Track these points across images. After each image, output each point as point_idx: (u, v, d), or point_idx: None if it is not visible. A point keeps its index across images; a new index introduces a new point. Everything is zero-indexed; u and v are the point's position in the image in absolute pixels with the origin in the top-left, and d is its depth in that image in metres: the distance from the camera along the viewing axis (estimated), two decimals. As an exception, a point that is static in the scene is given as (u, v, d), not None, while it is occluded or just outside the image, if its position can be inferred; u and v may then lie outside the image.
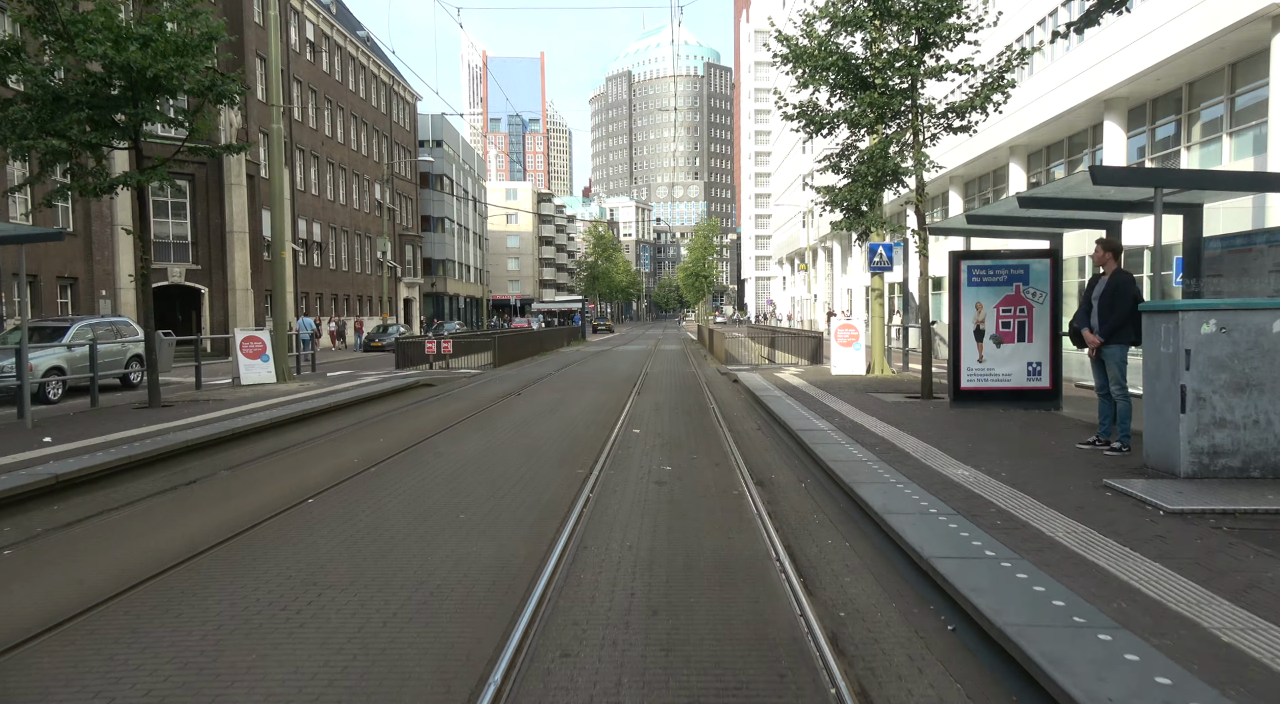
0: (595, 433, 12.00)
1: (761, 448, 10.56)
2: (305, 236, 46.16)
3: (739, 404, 15.53)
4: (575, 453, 10.28)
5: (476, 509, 7.43)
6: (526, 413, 14.80)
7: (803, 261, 75.99)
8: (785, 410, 12.72)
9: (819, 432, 10.52)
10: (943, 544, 5.37)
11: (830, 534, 6.52)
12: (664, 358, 33.27)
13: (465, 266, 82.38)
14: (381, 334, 43.95)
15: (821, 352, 26.86)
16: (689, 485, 8.36)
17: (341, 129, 51.94)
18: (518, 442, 11.41)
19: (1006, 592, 4.48)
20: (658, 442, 11.15)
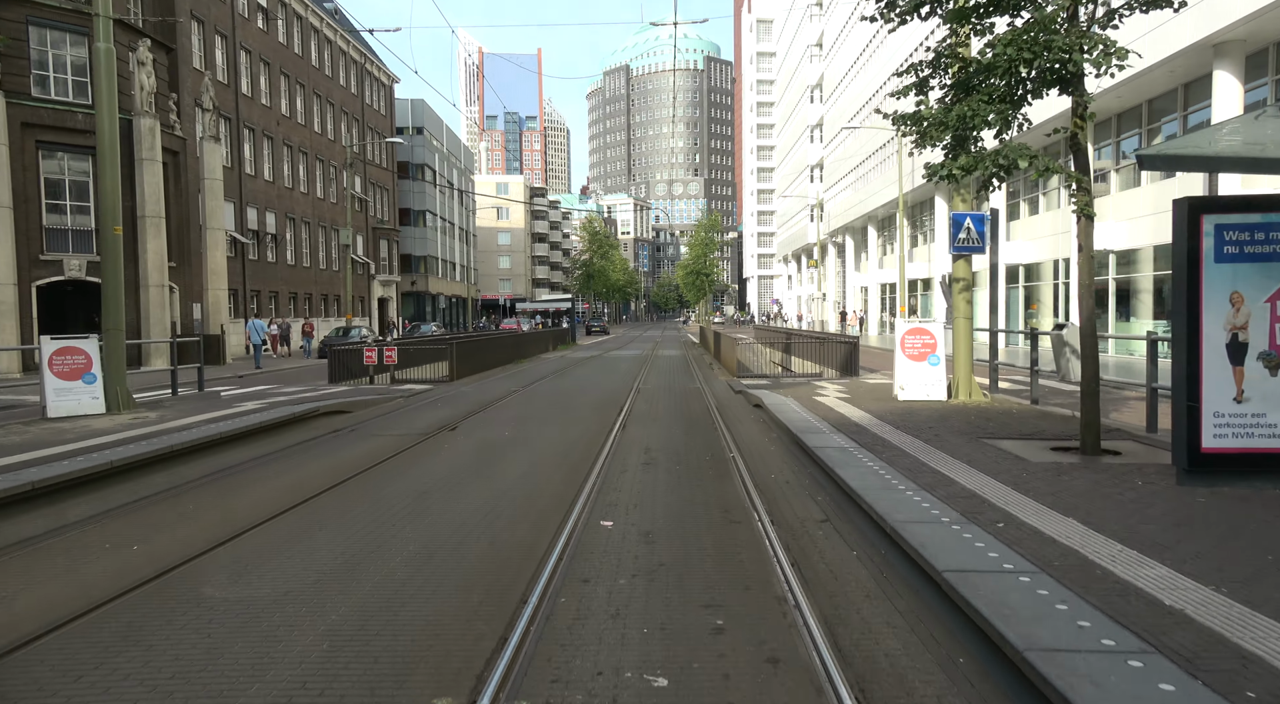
0: (529, 533, 6.67)
1: (864, 598, 5.19)
2: (256, 227, 40.84)
3: (776, 455, 10.21)
4: (464, 616, 4.93)
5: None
6: (439, 473, 9.48)
7: (812, 258, 70.80)
8: (873, 488, 7.31)
9: (996, 577, 5.02)
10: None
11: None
12: (662, 367, 27.94)
13: (450, 264, 77.09)
14: (343, 337, 38.64)
15: (855, 361, 21.59)
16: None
17: (303, 108, 46.62)
18: (362, 576, 6.03)
19: None
20: (643, 560, 5.85)
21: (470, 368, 24.54)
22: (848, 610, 4.81)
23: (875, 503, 6.47)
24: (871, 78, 52.95)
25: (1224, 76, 21.38)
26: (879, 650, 4.22)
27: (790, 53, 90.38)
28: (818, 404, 13.50)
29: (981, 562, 4.97)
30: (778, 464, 9.40)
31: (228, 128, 38.32)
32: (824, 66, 71.62)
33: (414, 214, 67.46)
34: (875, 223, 56.41)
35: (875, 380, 19.33)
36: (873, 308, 57.63)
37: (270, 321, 33.16)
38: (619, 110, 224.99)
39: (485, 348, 27.20)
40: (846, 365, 22.13)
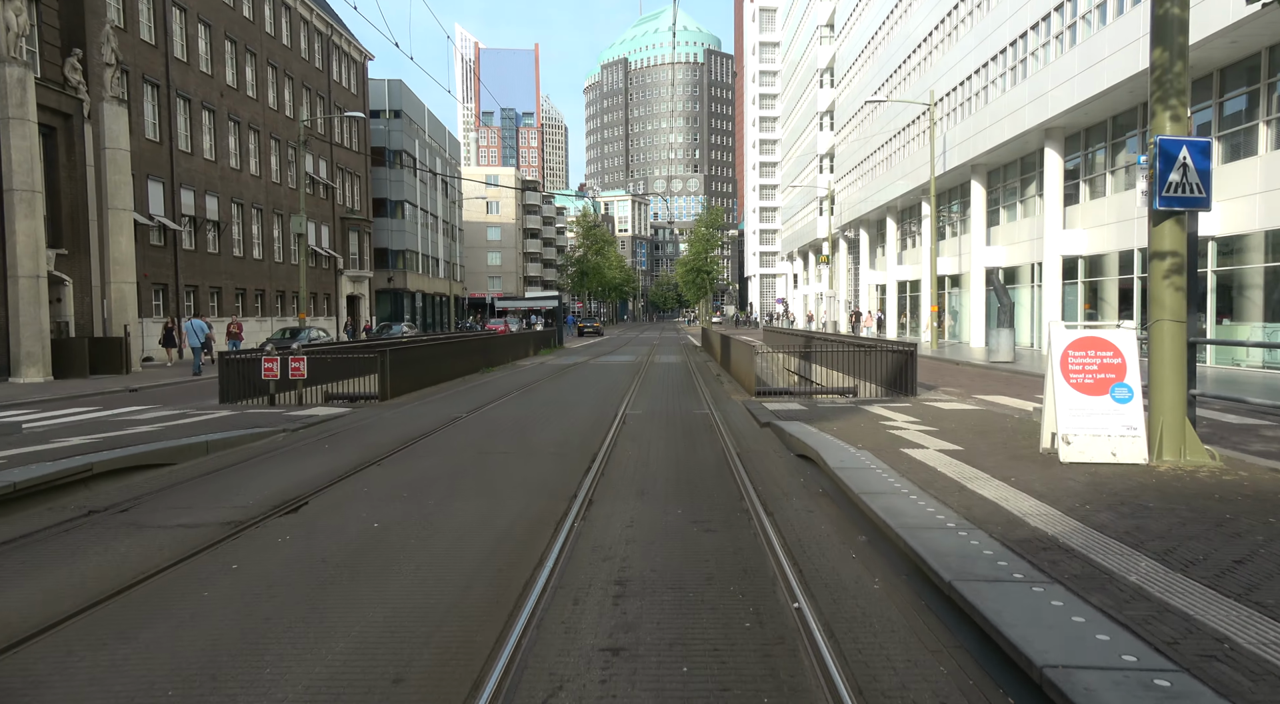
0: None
1: None
2: (192, 212, 35.48)
3: (920, 644, 4.89)
4: None
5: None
6: (158, 671, 4.19)
7: (822, 254, 65.48)
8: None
9: None
10: None
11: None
12: (659, 380, 22.67)
13: (432, 259, 71.75)
14: (290, 339, 33.36)
15: (911, 376, 16.35)
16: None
17: (254, 80, 41.27)
18: None
19: None
20: None
21: (413, 381, 19.24)
22: None
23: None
24: (894, 50, 47.69)
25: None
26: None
27: (797, 37, 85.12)
28: (915, 465, 8.18)
29: None
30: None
31: (155, 96, 32.99)
32: (836, 47, 66.37)
33: (391, 204, 62.09)
34: (894, 214, 51.16)
35: (954, 405, 14.04)
36: (890, 308, 52.35)
37: (235, 326, 27.76)
38: (617, 104, 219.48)
39: (437, 355, 21.89)
40: (896, 381, 16.89)
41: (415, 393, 18.79)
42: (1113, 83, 24.47)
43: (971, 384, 19.88)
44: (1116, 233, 27.67)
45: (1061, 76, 27.64)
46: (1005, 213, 36.77)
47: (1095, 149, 29.41)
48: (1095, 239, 29.05)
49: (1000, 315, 27.28)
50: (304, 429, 12.76)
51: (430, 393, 19.00)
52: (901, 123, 46.08)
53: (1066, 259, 30.36)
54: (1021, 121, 30.91)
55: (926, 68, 42.47)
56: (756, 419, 13.12)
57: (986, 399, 15.96)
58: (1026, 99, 30.41)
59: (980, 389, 18.33)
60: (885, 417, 12.52)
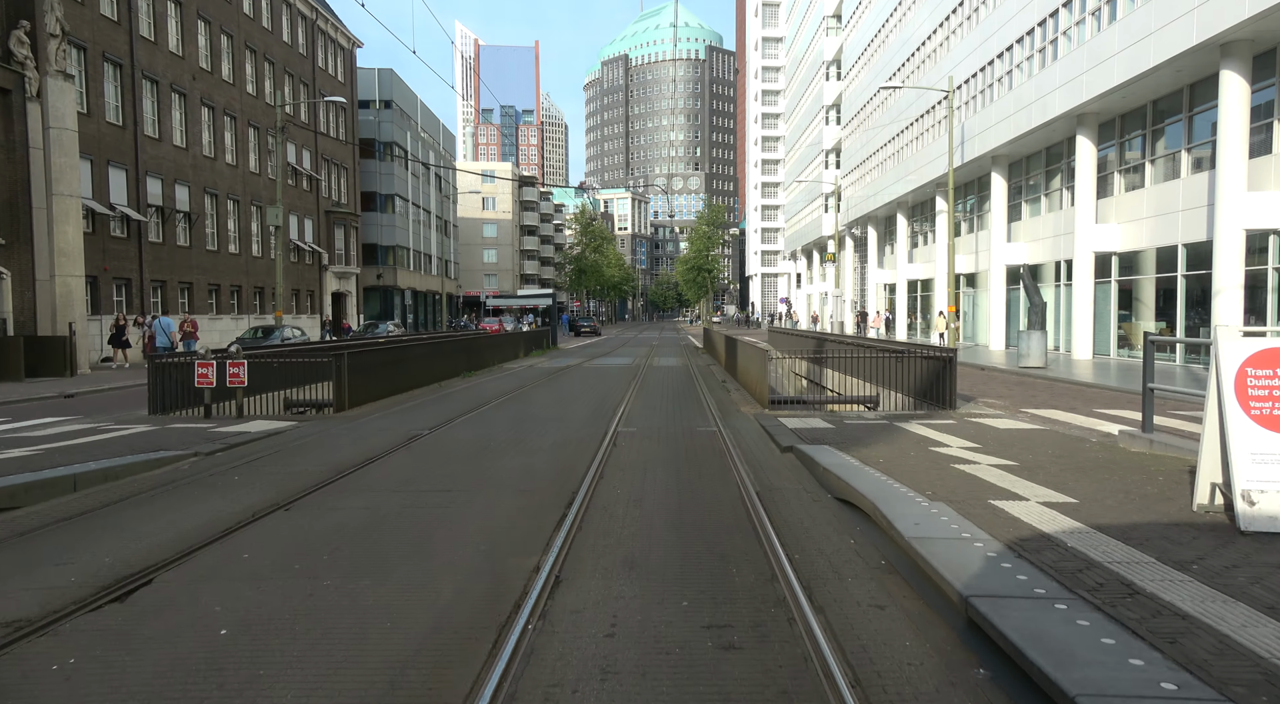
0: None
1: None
2: (159, 202, 33.16)
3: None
4: None
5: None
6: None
7: (828, 252, 63.18)
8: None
9: None
10: None
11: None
12: (657, 387, 20.36)
13: (425, 256, 69.39)
14: (263, 339, 31.08)
15: (950, 387, 14.09)
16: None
17: (230, 63, 38.93)
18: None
19: None
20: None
21: (380, 388, 16.93)
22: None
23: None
24: (907, 37, 45.36)
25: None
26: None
27: (801, 30, 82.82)
28: (1026, 531, 5.83)
29: None
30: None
31: (117, 76, 30.66)
32: (843, 38, 64.06)
33: (381, 198, 59.78)
34: (905, 210, 48.86)
35: (1009, 423, 11.72)
36: (900, 308, 50.03)
37: (134, 320, 25.21)
38: (617, 101, 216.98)
39: (411, 358, 19.59)
40: (930, 391, 14.61)
41: (380, 402, 16.48)
42: (1160, 60, 22.15)
43: (1011, 393, 17.59)
44: (1155, 228, 25.39)
45: (1099, 55, 25.33)
46: (1028, 207, 34.47)
47: (1132, 136, 27.10)
48: (1131, 234, 26.76)
49: (1031, 316, 24.98)
50: (223, 451, 10.46)
51: (397, 402, 16.69)
52: (914, 114, 43.78)
53: (1099, 256, 28.05)
54: (1050, 107, 28.60)
55: (942, 54, 40.17)
56: (775, 441, 10.81)
57: (1041, 414, 13.67)
58: (1057, 82, 28.10)
59: (1025, 400, 16.03)
60: (935, 440, 10.21)
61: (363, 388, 16.02)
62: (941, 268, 42.17)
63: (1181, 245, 24.04)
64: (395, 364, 18.44)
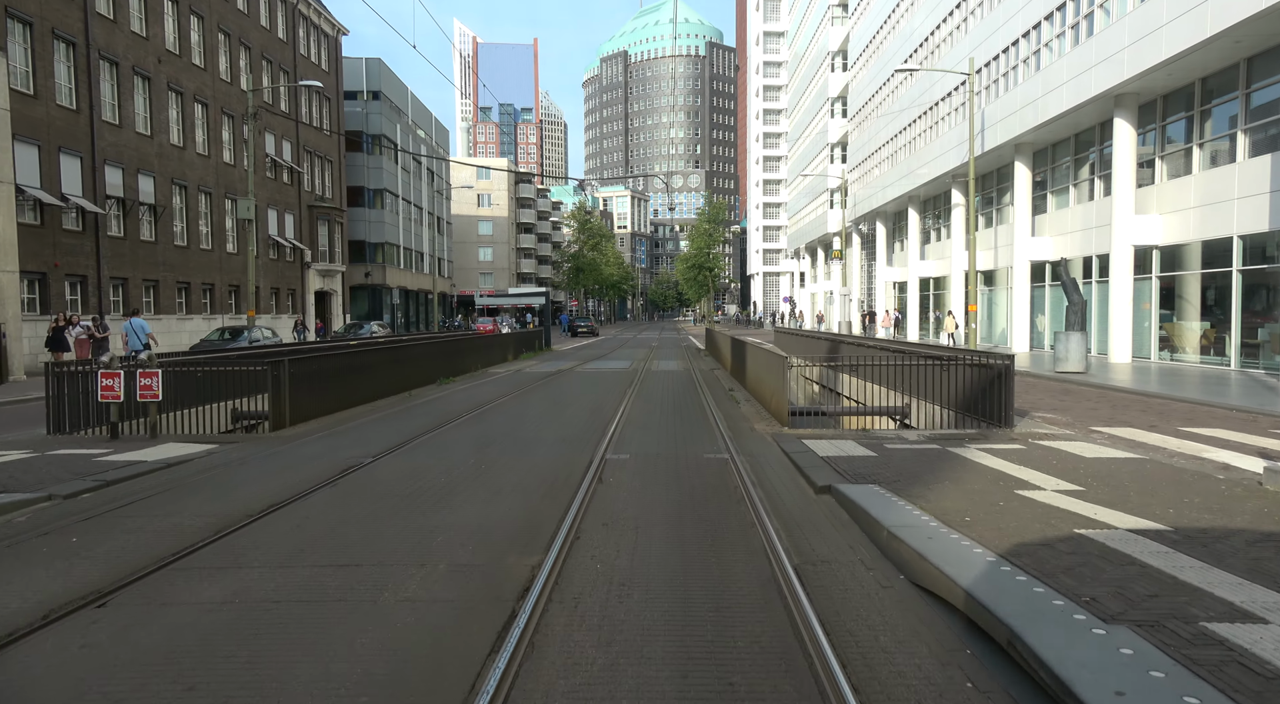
0: None
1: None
2: (120, 194, 30.77)
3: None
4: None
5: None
6: None
7: (833, 249, 60.75)
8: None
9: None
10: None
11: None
12: (657, 398, 18.01)
13: (416, 253, 66.99)
14: (229, 341, 28.78)
15: (1003, 400, 11.79)
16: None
17: (202, 46, 36.54)
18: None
19: None
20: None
21: (333, 400, 14.57)
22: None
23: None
24: (921, 21, 42.96)
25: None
26: None
27: (805, 21, 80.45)
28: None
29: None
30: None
31: (71, 55, 28.29)
32: (850, 27, 61.69)
33: (369, 193, 57.39)
34: (917, 204, 46.47)
35: (1096, 449, 9.31)
36: (911, 307, 47.65)
37: (92, 320, 22.68)
38: (616, 98, 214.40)
39: (376, 364, 17.22)
40: (977, 405, 12.28)
41: (331, 417, 14.12)
42: (1220, 28, 19.77)
43: (1063, 405, 15.24)
44: (1202, 218, 23.05)
45: (1144, 28, 22.97)
46: (1054, 199, 32.10)
47: (1174, 119, 24.74)
48: (1174, 226, 24.42)
49: (1069, 316, 22.61)
50: (93, 491, 8.10)
51: (352, 417, 14.32)
52: (928, 102, 41.42)
53: (1138, 250, 25.69)
54: (1085, 88, 26.24)
55: (959, 38, 37.80)
56: (805, 476, 8.45)
57: (1120, 435, 11.32)
58: (1093, 60, 25.73)
59: (1087, 415, 13.68)
60: (1016, 478, 7.85)
61: (310, 400, 13.66)
62: (958, 265, 39.80)
63: (1237, 237, 21.69)
64: (355, 371, 16.07)
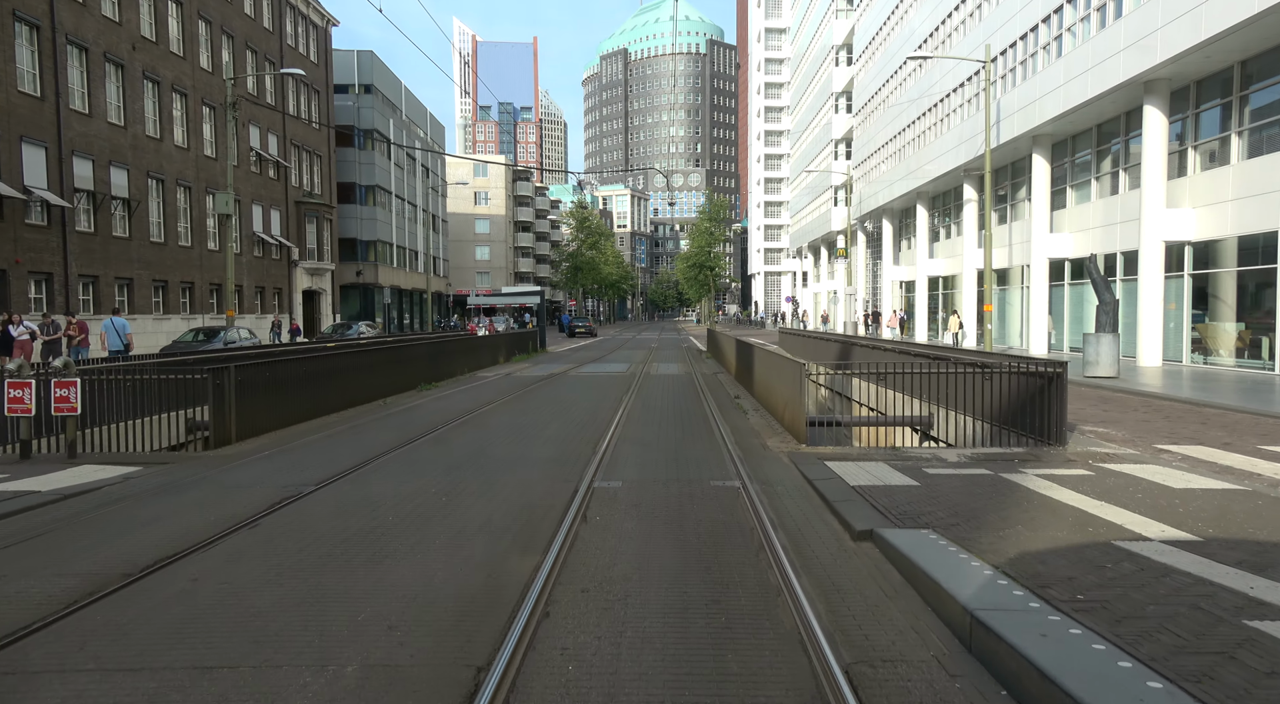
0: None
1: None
2: (90, 187, 29.19)
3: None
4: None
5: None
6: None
7: (838, 248, 59.16)
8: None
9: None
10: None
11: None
12: (657, 406, 16.41)
13: (410, 252, 65.40)
14: (203, 342, 27.23)
15: (1054, 413, 10.26)
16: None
17: (180, 33, 34.96)
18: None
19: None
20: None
21: (290, 412, 12.98)
22: None
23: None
24: (930, 11, 41.35)
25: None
26: None
27: (809, 15, 78.92)
28: None
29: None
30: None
31: (35, 39, 26.68)
32: (855, 20, 60.11)
33: (361, 189, 55.81)
34: (925, 201, 44.87)
35: (1176, 475, 7.65)
36: (920, 307, 46.05)
37: (16, 319, 20.67)
38: (616, 97, 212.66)
39: (344, 369, 15.62)
40: (1020, 418, 10.72)
41: (288, 430, 12.52)
42: (1269, 4, 18.17)
43: (1108, 416, 13.65)
44: (1239, 212, 21.47)
45: (1180, 7, 21.38)
46: (1074, 193, 30.51)
47: (1209, 106, 23.16)
48: (1208, 221, 22.83)
49: (1100, 316, 21.01)
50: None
51: (313, 429, 12.71)
52: (940, 93, 39.82)
53: (1170, 246, 24.09)
54: (1112, 74, 24.65)
55: (973, 25, 36.21)
56: (836, 513, 6.87)
57: (1192, 454, 9.74)
58: (1122, 44, 24.14)
59: (1142, 430, 12.09)
60: (1104, 518, 6.26)
61: (264, 412, 12.06)
62: (970, 263, 38.22)
63: (1243, 236, 20.10)
64: (322, 377, 14.47)
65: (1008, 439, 10.86)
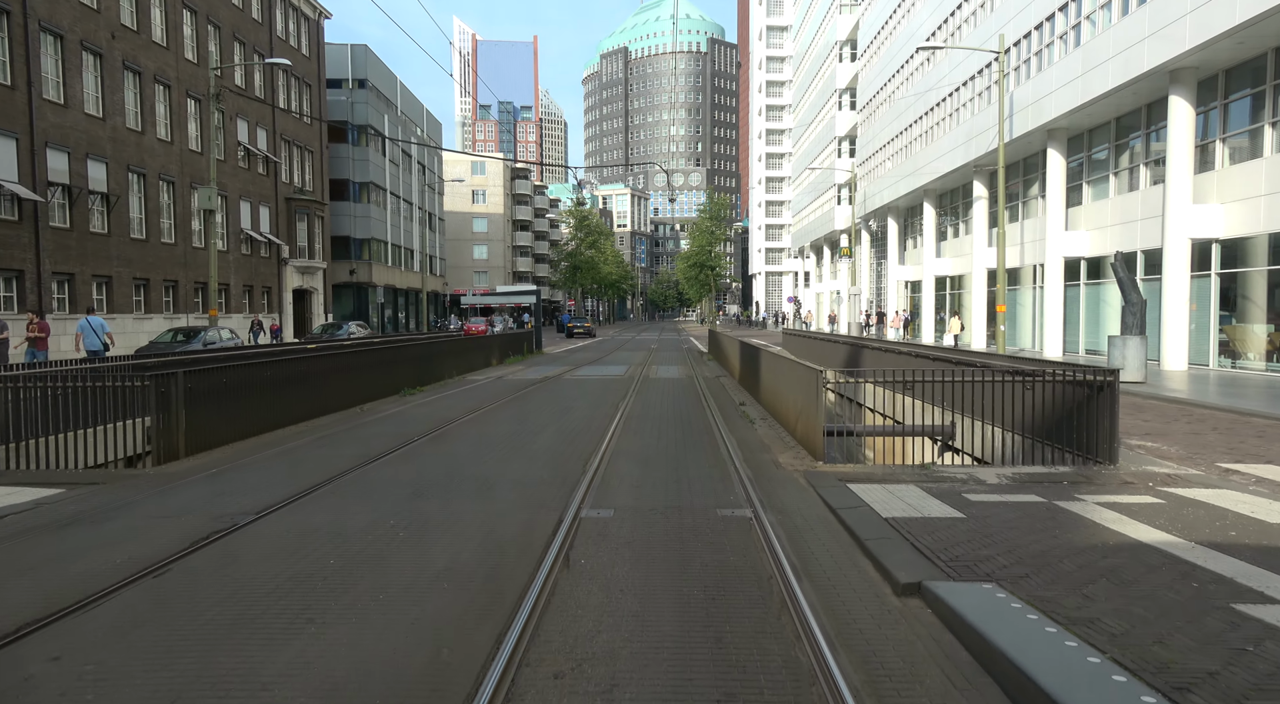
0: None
1: None
2: (65, 180, 27.96)
3: None
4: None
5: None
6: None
7: (842, 247, 57.91)
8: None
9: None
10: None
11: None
12: (656, 415, 15.22)
13: (405, 250, 64.18)
14: (183, 343, 26.03)
15: (1104, 426, 9.06)
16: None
17: (163, 22, 33.74)
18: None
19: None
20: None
21: (253, 421, 11.78)
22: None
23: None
24: (937, 4, 40.13)
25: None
26: None
27: (812, 11, 77.69)
28: None
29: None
30: None
31: (5, 25, 25.47)
32: (859, 14, 58.91)
33: (354, 186, 54.57)
34: (933, 198, 43.66)
35: (1254, 507, 6.51)
36: (927, 307, 44.82)
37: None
38: (616, 96, 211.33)
39: (316, 373, 14.40)
40: (1060, 431, 9.57)
41: (249, 442, 11.32)
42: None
43: (1150, 426, 12.46)
44: (1272, 207, 20.29)
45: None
46: (1090, 189, 29.30)
47: (1239, 96, 21.94)
48: (1237, 217, 21.63)
49: (1126, 317, 19.80)
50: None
51: (276, 442, 11.50)
52: (949, 87, 38.61)
53: (1197, 244, 22.89)
54: (1136, 63, 23.44)
55: (984, 15, 34.99)
56: (871, 556, 5.67)
57: (1266, 476, 8.54)
58: (1146, 31, 22.93)
59: (1194, 443, 10.89)
60: (1206, 567, 5.06)
61: (221, 422, 10.86)
62: (979, 262, 37.02)
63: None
64: (292, 383, 13.26)
65: (1047, 455, 9.67)
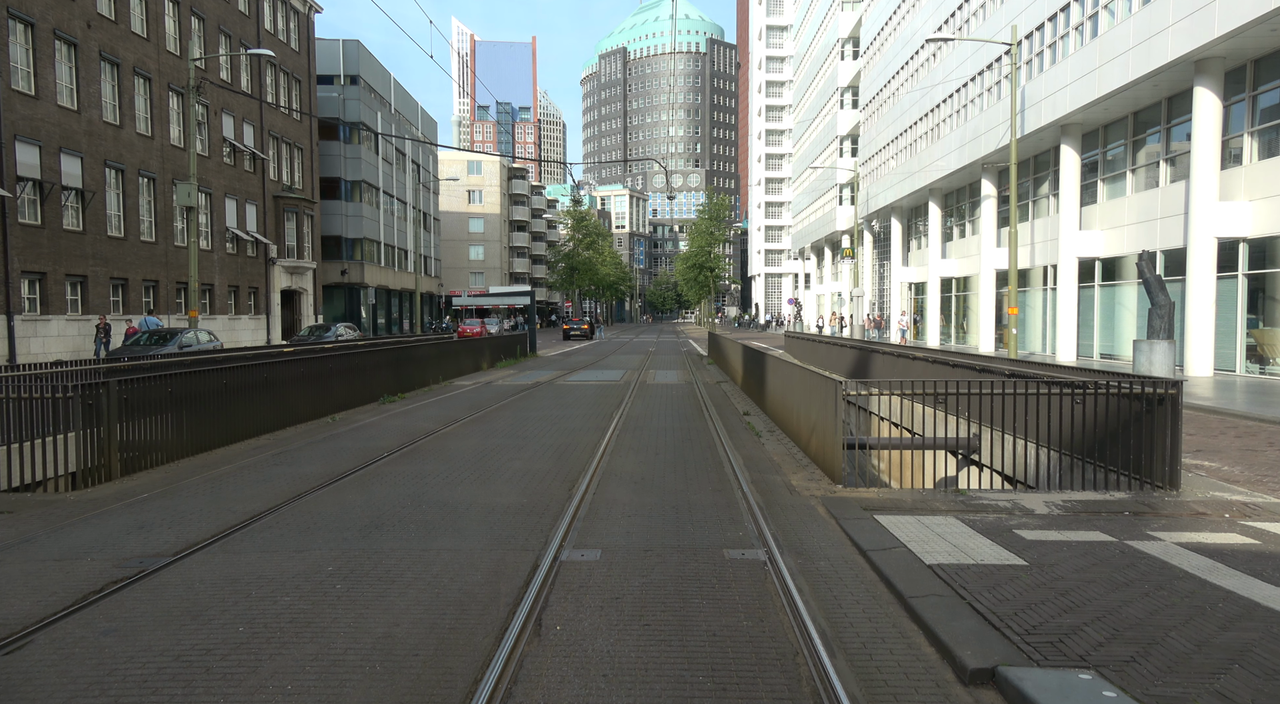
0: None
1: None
2: (38, 176, 26.75)
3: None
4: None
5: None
6: None
7: (844, 248, 56.74)
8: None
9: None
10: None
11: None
12: (652, 429, 14.04)
13: (399, 251, 62.95)
14: (156, 346, 24.82)
15: (1166, 448, 7.84)
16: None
17: (145, 14, 32.52)
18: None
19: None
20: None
21: (206, 435, 10.59)
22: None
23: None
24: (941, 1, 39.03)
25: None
26: None
27: (813, 8, 76.56)
28: None
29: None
30: None
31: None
32: (861, 11, 57.80)
33: (346, 185, 53.34)
34: (939, 197, 42.52)
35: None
36: (932, 309, 43.67)
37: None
38: (615, 96, 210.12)
39: (285, 380, 13.19)
40: (1107, 449, 8.41)
41: (197, 458, 10.13)
42: None
43: (1195, 441, 11.29)
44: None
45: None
46: (1105, 187, 28.15)
47: (1269, 87, 20.79)
48: (1266, 215, 20.48)
49: (1153, 320, 18.63)
50: None
51: (228, 458, 10.31)
52: (956, 84, 37.47)
53: (1223, 244, 21.73)
54: (1158, 53, 22.29)
55: (993, 9, 33.85)
56: (923, 624, 4.49)
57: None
58: (1170, 19, 21.78)
59: (1251, 461, 9.75)
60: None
61: (165, 437, 9.67)
62: (987, 263, 35.89)
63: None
64: (250, 391, 12.06)
65: (1092, 476, 8.49)
